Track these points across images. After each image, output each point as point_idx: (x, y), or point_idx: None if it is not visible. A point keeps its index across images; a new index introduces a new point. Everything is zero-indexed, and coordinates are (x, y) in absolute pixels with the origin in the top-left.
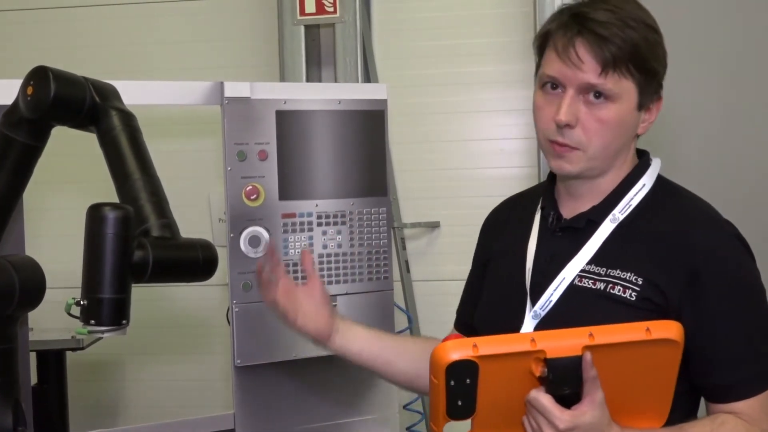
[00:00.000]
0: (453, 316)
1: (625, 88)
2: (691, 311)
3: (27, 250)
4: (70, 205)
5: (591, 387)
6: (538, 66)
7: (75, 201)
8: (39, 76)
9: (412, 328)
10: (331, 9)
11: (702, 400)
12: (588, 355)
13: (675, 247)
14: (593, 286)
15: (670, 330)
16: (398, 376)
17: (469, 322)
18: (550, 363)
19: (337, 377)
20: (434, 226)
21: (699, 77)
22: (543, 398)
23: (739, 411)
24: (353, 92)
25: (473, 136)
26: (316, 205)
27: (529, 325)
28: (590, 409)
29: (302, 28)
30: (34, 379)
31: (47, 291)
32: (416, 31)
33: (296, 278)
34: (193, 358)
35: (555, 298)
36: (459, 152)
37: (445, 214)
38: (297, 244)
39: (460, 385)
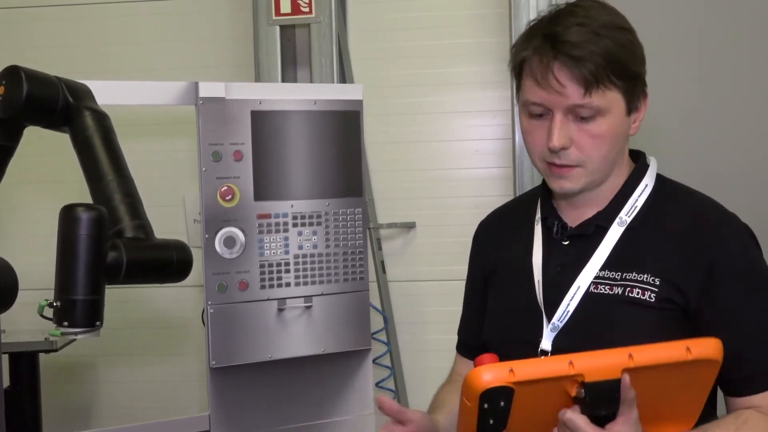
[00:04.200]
0: (429, 316)
1: (612, 99)
2: (710, 307)
3: None
4: (43, 206)
5: (627, 408)
6: (518, 89)
7: (48, 202)
8: (11, 76)
9: (388, 329)
10: (307, 9)
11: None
12: (627, 378)
13: (690, 244)
14: (611, 292)
15: (709, 348)
16: None
17: (474, 344)
18: (588, 386)
19: (313, 378)
20: (410, 226)
21: (683, 76)
22: (578, 419)
23: (758, 404)
24: (329, 93)
25: (449, 137)
26: (292, 206)
27: (547, 338)
28: (625, 428)
29: (277, 29)
30: (6, 382)
31: (20, 292)
32: (392, 31)
33: (271, 281)
34: (168, 360)
35: (572, 308)
36: (434, 153)
37: (421, 214)
38: (272, 244)
39: (494, 408)
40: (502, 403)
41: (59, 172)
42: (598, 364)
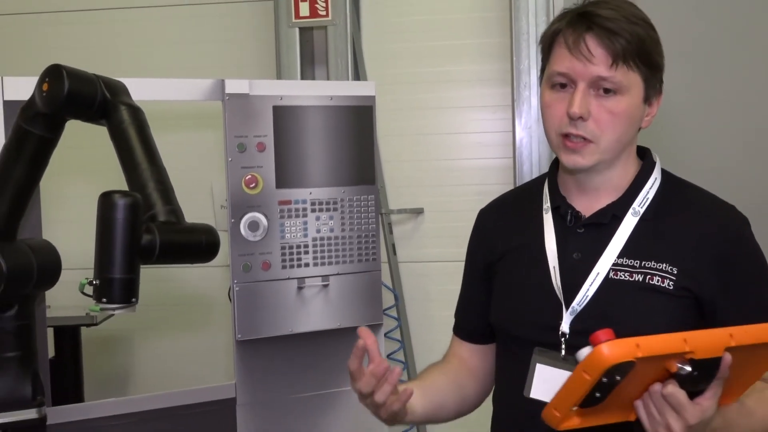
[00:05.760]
0: (435, 294)
1: (633, 81)
2: (726, 294)
3: (44, 234)
4: (84, 193)
5: (717, 384)
6: (544, 66)
7: (88, 189)
8: (54, 74)
9: (398, 305)
10: (324, 12)
11: None
12: (728, 357)
13: (702, 236)
14: (630, 279)
15: None
16: (450, 413)
17: (471, 329)
18: (696, 363)
19: (330, 349)
20: (418, 212)
21: (694, 74)
22: (680, 394)
23: None
24: (344, 89)
25: (453, 130)
26: (310, 193)
27: (566, 321)
28: (712, 404)
29: (297, 30)
30: (51, 353)
31: (63, 272)
32: (402, 33)
33: (292, 262)
34: (198, 334)
35: (591, 293)
36: (441, 144)
37: (429, 201)
38: (293, 228)
39: (610, 381)
40: (617, 378)
41: (97, 162)
42: (706, 342)
